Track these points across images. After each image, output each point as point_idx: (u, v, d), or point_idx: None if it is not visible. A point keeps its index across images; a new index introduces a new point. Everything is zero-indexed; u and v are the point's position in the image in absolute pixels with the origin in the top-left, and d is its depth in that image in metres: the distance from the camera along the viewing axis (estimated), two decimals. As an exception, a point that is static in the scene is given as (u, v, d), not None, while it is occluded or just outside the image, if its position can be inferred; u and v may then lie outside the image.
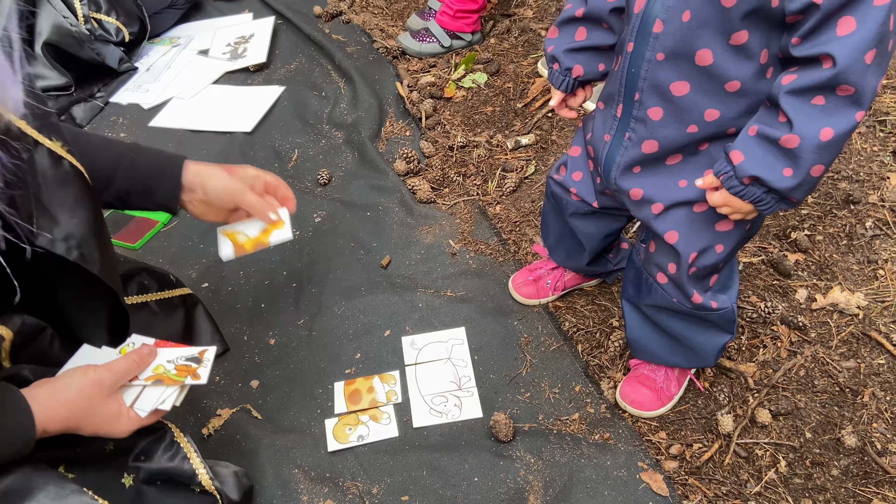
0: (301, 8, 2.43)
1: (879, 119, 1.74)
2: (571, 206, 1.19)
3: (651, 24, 0.86)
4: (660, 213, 0.99)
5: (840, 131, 0.78)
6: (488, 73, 2.13)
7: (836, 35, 0.74)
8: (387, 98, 2.03)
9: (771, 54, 0.84)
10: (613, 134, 0.98)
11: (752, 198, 0.84)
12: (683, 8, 0.83)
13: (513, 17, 2.37)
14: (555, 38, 1.06)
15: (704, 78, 0.86)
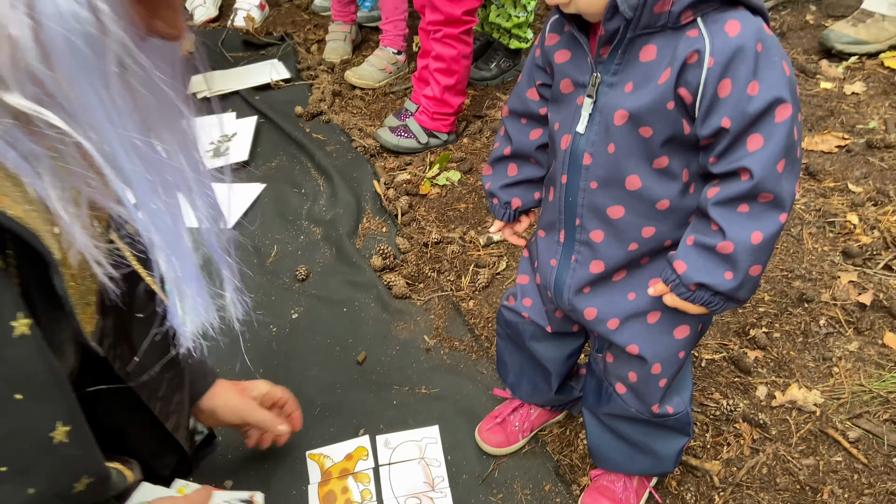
0: (283, 108, 2.55)
1: (829, 220, 1.85)
2: (528, 331, 1.22)
3: (580, 158, 0.95)
4: (616, 328, 1.04)
5: (768, 234, 0.86)
6: (462, 172, 2.23)
7: (748, 151, 0.83)
8: (364, 195, 2.12)
9: (691, 172, 0.93)
10: (559, 258, 1.05)
11: (701, 301, 0.92)
12: (607, 142, 0.92)
13: (484, 118, 2.50)
14: (490, 176, 1.15)
15: (636, 200, 0.94)
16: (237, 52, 2.98)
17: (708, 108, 0.83)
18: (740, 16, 0.81)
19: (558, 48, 0.97)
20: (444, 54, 2.18)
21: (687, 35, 0.82)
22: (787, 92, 0.81)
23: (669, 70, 0.84)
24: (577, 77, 0.94)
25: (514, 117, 1.10)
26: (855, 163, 2.03)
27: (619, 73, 0.89)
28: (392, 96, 2.67)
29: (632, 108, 0.88)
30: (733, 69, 0.80)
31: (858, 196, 1.91)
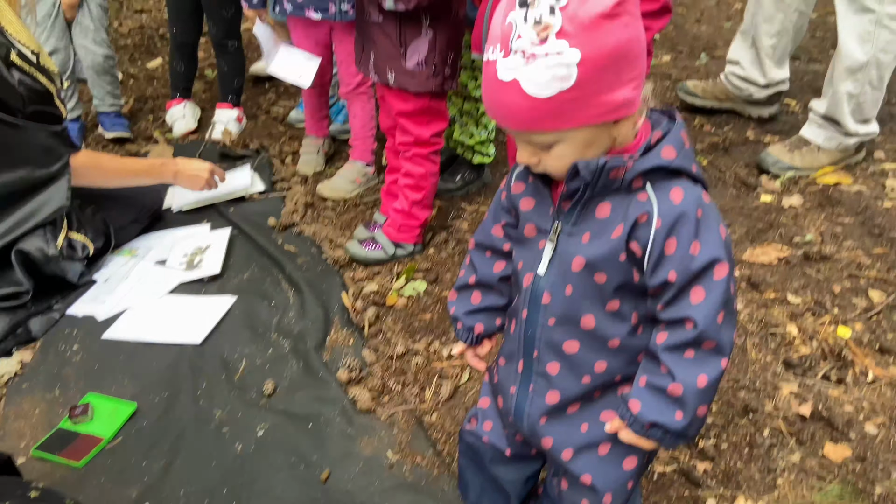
0: (257, 220, 2.65)
1: (770, 332, 1.96)
2: (488, 454, 1.29)
3: (540, 297, 1.05)
4: (570, 458, 1.13)
5: (712, 377, 0.97)
6: (427, 281, 2.33)
7: (692, 303, 0.95)
8: (333, 307, 2.19)
9: (640, 315, 1.04)
10: (518, 387, 1.14)
11: (655, 438, 1.01)
12: (565, 284, 1.03)
13: (450, 228, 2.63)
14: (455, 301, 1.26)
15: (590, 338, 1.05)
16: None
17: (656, 262, 0.95)
18: (683, 185, 0.95)
19: (523, 196, 1.10)
20: (413, 171, 2.32)
21: (637, 198, 0.96)
22: (723, 253, 0.94)
23: (622, 226, 0.96)
24: (540, 224, 1.06)
25: (479, 250, 1.22)
26: (793, 274, 2.17)
27: (577, 224, 1.01)
28: (363, 206, 2.79)
29: (588, 257, 1.00)
30: (677, 230, 0.93)
31: (797, 307, 2.03)
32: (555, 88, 0.86)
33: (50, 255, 2.09)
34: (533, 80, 0.86)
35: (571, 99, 0.87)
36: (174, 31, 3.23)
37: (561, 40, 0.84)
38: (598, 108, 0.89)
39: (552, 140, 0.93)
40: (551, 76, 0.85)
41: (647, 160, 0.93)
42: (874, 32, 2.38)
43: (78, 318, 2.15)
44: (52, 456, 1.69)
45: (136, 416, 1.81)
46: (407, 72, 2.10)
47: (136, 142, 3.29)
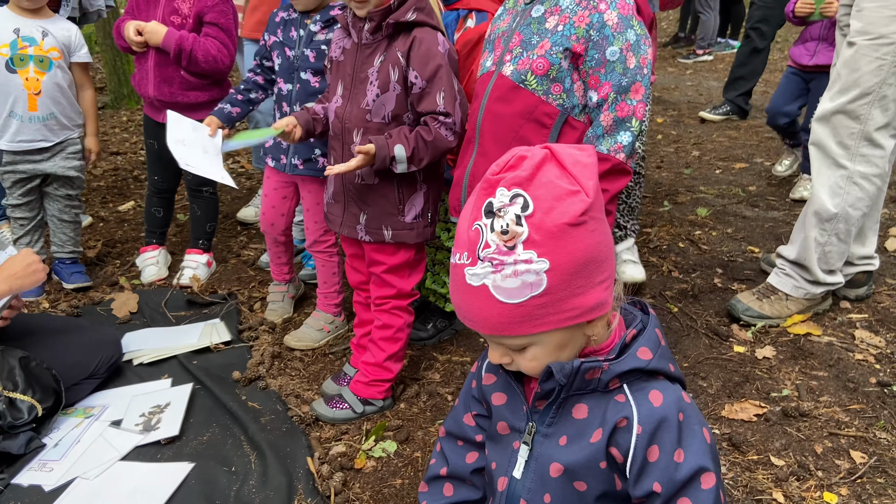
0: (221, 372, 2.56)
1: (756, 497, 1.88)
2: None
3: (516, 503, 0.98)
4: None
5: None
6: (398, 441, 2.22)
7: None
8: (297, 473, 2.07)
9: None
10: None
11: None
12: (543, 491, 0.96)
13: (421, 380, 2.55)
14: (426, 493, 1.18)
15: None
16: (180, 311, 3.04)
17: (639, 471, 0.90)
18: (661, 386, 0.91)
19: (495, 390, 1.05)
20: (392, 323, 2.28)
21: (615, 399, 0.92)
22: (709, 460, 0.89)
23: (601, 431, 0.91)
24: (513, 422, 1.01)
25: (450, 439, 1.14)
26: (774, 433, 2.12)
27: (553, 425, 0.96)
28: (331, 356, 2.72)
29: (566, 463, 0.94)
30: (659, 437, 0.88)
31: (781, 470, 1.97)
32: (525, 294, 0.85)
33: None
34: (502, 287, 0.85)
35: (542, 304, 0.85)
36: (155, 179, 3.26)
37: (529, 250, 0.84)
38: (570, 311, 0.88)
39: (525, 343, 0.90)
40: (521, 283, 0.84)
41: (624, 363, 0.91)
42: (845, 188, 2.48)
43: (23, 488, 1.99)
44: None
45: None
46: (406, 225, 2.13)
47: (99, 289, 3.22)
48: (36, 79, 2.88)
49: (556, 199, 0.84)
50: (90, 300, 3.09)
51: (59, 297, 3.10)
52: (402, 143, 1.95)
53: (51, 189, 3.09)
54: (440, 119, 1.97)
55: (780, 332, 2.65)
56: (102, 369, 2.44)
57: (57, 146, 2.99)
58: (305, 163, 2.60)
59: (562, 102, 1.69)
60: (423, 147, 1.97)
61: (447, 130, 1.97)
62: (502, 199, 0.85)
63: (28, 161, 2.93)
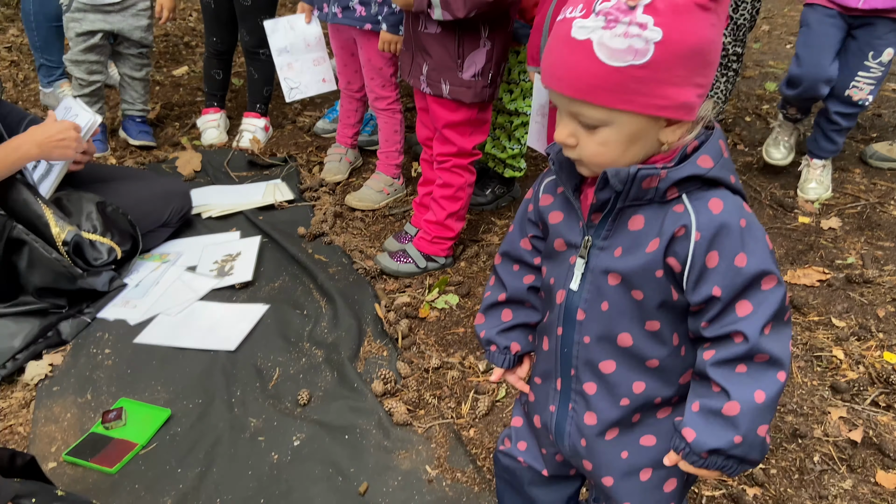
0: (286, 228, 2.63)
1: (816, 355, 1.92)
2: (527, 476, 1.23)
3: (574, 314, 1.00)
4: (612, 485, 1.07)
5: (771, 393, 0.89)
6: (459, 295, 2.30)
7: (738, 317, 0.88)
8: (365, 318, 2.16)
9: (681, 336, 0.97)
10: (558, 406, 1.08)
11: (716, 466, 0.93)
12: (600, 300, 0.97)
13: (480, 242, 2.60)
14: (483, 324, 1.18)
15: (628, 357, 0.99)
16: (242, 172, 3.10)
17: (698, 277, 0.89)
18: (722, 195, 0.89)
19: (552, 209, 1.04)
20: (453, 182, 2.30)
21: (673, 210, 0.90)
22: (772, 264, 0.88)
23: (658, 241, 0.90)
24: (569, 238, 1.01)
25: (506, 263, 1.15)
26: (836, 297, 2.13)
27: (609, 238, 0.96)
28: (391, 218, 2.77)
29: (622, 271, 0.94)
30: (719, 242, 0.87)
31: (842, 331, 1.99)
32: (626, 60, 0.82)
33: (67, 273, 2.06)
34: (607, 45, 0.82)
35: (639, 78, 0.83)
36: (213, 41, 3.23)
37: (648, 15, 0.81)
38: (660, 98, 0.85)
39: (601, 119, 0.87)
40: (627, 46, 0.81)
41: (683, 169, 0.88)
42: None
43: (109, 322, 2.12)
44: (83, 461, 1.65)
45: (171, 422, 1.77)
46: (463, 83, 2.09)
47: (162, 148, 3.28)
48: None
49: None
50: (155, 158, 3.16)
51: (124, 155, 3.17)
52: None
53: (121, 48, 3.09)
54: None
55: (847, 205, 2.60)
56: (174, 219, 2.52)
57: (127, 1, 2.96)
58: (344, 11, 2.54)
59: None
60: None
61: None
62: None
63: (98, 11, 2.92)
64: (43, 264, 2.03)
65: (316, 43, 2.90)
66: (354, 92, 2.91)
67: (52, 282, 2.03)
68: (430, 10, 1.93)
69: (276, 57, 2.91)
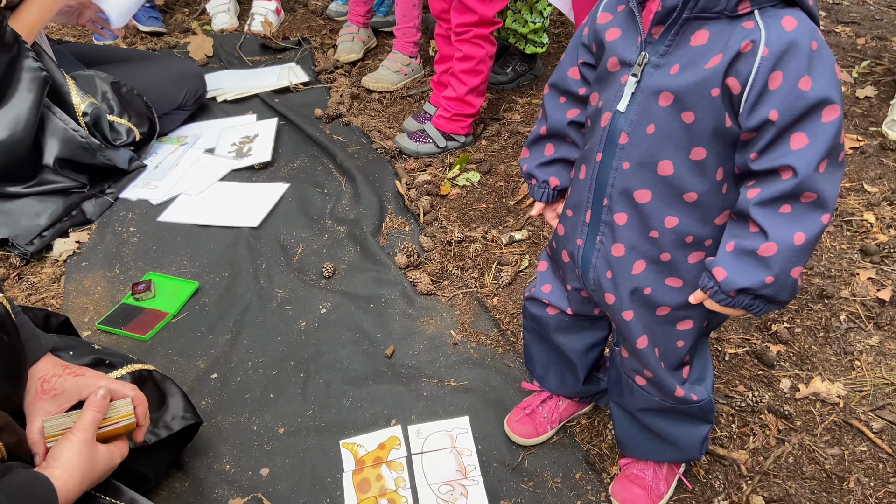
0: (302, 110, 2.58)
1: (846, 219, 1.88)
2: (552, 322, 1.24)
3: (617, 137, 0.97)
4: (630, 319, 1.07)
5: (811, 234, 0.86)
6: (481, 173, 2.26)
7: (791, 149, 0.84)
8: (386, 195, 2.15)
9: (726, 171, 0.93)
10: (585, 239, 1.07)
11: (742, 305, 0.93)
12: (647, 122, 0.94)
13: (502, 120, 2.54)
14: (527, 158, 1.18)
15: (665, 187, 0.96)
16: (255, 56, 3.02)
17: (757, 97, 0.84)
18: (797, 14, 0.83)
19: (610, 27, 0.99)
20: (473, 54, 2.22)
21: (742, 26, 0.84)
22: (836, 94, 0.83)
23: (721, 56, 0.85)
24: (624, 56, 0.96)
25: (553, 94, 1.12)
26: (869, 164, 2.07)
27: (667, 54, 0.90)
28: (409, 99, 2.71)
29: (676, 90, 0.89)
30: (786, 62, 0.82)
31: (874, 196, 1.94)
32: None
33: (86, 144, 2.04)
34: None
35: None
36: None
37: None
38: None
39: None
40: None
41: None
42: None
43: (132, 202, 2.13)
44: (117, 330, 1.70)
45: (199, 293, 1.80)
46: None
47: (173, 34, 3.19)
48: None
49: None
50: (166, 44, 3.08)
51: (135, 41, 3.10)
52: None
53: None
54: None
55: (885, 74, 2.49)
56: (190, 101, 2.48)
57: None
58: None
59: None
60: None
61: None
62: None
63: None
64: (62, 135, 2.00)
65: None
66: None
67: (71, 154, 2.01)
68: None
69: None
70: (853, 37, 2.74)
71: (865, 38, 2.72)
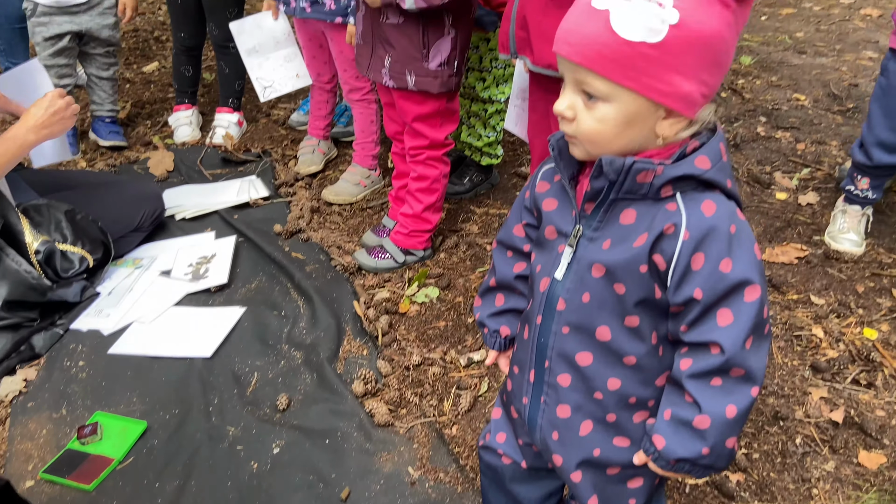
0: (262, 226, 2.59)
1: (796, 334, 1.92)
2: (507, 472, 1.23)
3: (555, 303, 1.00)
4: (579, 480, 1.07)
5: (742, 407, 0.90)
6: (440, 288, 2.27)
7: (718, 325, 0.88)
8: (344, 316, 2.14)
9: (660, 336, 0.97)
10: (530, 398, 1.08)
11: (683, 471, 0.95)
12: (582, 291, 0.97)
13: (460, 232, 2.57)
14: (479, 307, 1.21)
15: (605, 351, 0.99)
16: (216, 170, 3.05)
17: (681, 277, 0.88)
18: (716, 198, 0.88)
19: (547, 196, 1.04)
20: (427, 174, 2.27)
21: (666, 208, 0.89)
22: (756, 275, 0.87)
23: (646, 235, 0.90)
24: (561, 226, 1.00)
25: (501, 249, 1.17)
26: (815, 274, 2.13)
27: (599, 229, 0.95)
28: (369, 210, 2.74)
29: (607, 263, 0.94)
30: (707, 245, 0.86)
31: (822, 308, 1.99)
32: (639, 36, 0.82)
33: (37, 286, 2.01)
34: (625, 18, 0.82)
35: (648, 57, 0.82)
36: (181, 36, 3.16)
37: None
38: (664, 84, 0.84)
39: (604, 92, 0.86)
40: (643, 22, 0.81)
41: (679, 167, 0.87)
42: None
43: (83, 333, 2.09)
44: (61, 479, 1.63)
45: (147, 434, 1.75)
46: (430, 73, 2.04)
47: (133, 148, 3.22)
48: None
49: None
50: (126, 159, 3.10)
51: (95, 157, 3.11)
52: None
53: (88, 48, 3.02)
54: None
55: (825, 179, 2.59)
56: (147, 222, 2.48)
57: (93, 0, 2.89)
58: (313, 5, 2.49)
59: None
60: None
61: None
62: None
63: (65, 13, 2.84)
64: (13, 277, 1.98)
65: (285, 39, 2.85)
66: (325, 83, 2.86)
67: (21, 295, 1.98)
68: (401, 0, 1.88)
69: (245, 58, 2.85)
70: (793, 142, 2.87)
71: (805, 143, 2.84)
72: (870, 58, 3.61)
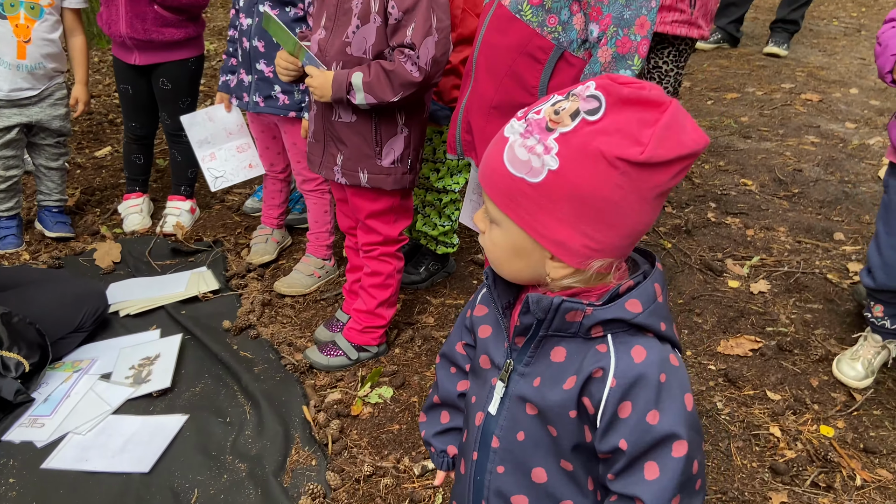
0: (210, 322, 2.51)
1: (754, 433, 1.89)
2: None
3: (490, 439, 0.96)
4: None
5: None
6: (394, 387, 2.21)
7: (644, 479, 0.84)
8: (293, 421, 2.05)
9: (595, 482, 0.93)
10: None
11: None
12: (517, 429, 0.93)
13: (415, 325, 2.53)
14: (424, 423, 1.17)
15: (541, 494, 0.94)
16: (165, 261, 2.97)
17: (608, 425, 0.85)
18: (648, 343, 0.85)
19: (483, 322, 1.01)
20: (381, 270, 2.23)
21: (596, 348, 0.86)
22: (684, 429, 0.83)
23: (575, 378, 0.86)
24: (494, 357, 0.97)
25: (444, 364, 1.14)
26: (769, 367, 2.13)
27: (530, 364, 0.92)
28: (323, 303, 2.68)
29: (538, 403, 0.90)
30: (634, 394, 0.83)
31: (778, 405, 1.97)
32: (521, 172, 0.82)
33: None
34: (514, 151, 0.83)
35: (527, 194, 0.82)
36: (133, 126, 3.13)
37: (557, 143, 0.79)
38: (538, 225, 0.83)
39: (495, 217, 0.88)
40: (526, 160, 0.81)
41: (607, 311, 0.84)
42: None
43: (15, 445, 1.96)
44: None
45: (74, 566, 1.62)
46: (383, 170, 2.03)
47: (80, 238, 3.13)
48: (26, 26, 2.72)
49: (620, 131, 0.78)
50: (72, 250, 3.00)
51: (39, 248, 3.01)
52: (363, 70, 1.86)
53: (37, 139, 2.96)
54: (405, 52, 1.86)
55: (775, 266, 2.63)
56: (88, 322, 2.38)
57: (44, 92, 2.85)
58: (266, 100, 2.51)
59: (557, 36, 1.60)
60: (382, 77, 1.84)
61: (411, 65, 1.85)
62: (584, 90, 0.81)
63: (14, 106, 2.79)
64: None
65: (238, 130, 2.86)
66: (278, 173, 2.85)
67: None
68: (351, 95, 1.88)
69: (196, 149, 2.85)
70: (742, 228, 2.92)
71: (754, 230, 2.90)
72: (812, 142, 3.75)
